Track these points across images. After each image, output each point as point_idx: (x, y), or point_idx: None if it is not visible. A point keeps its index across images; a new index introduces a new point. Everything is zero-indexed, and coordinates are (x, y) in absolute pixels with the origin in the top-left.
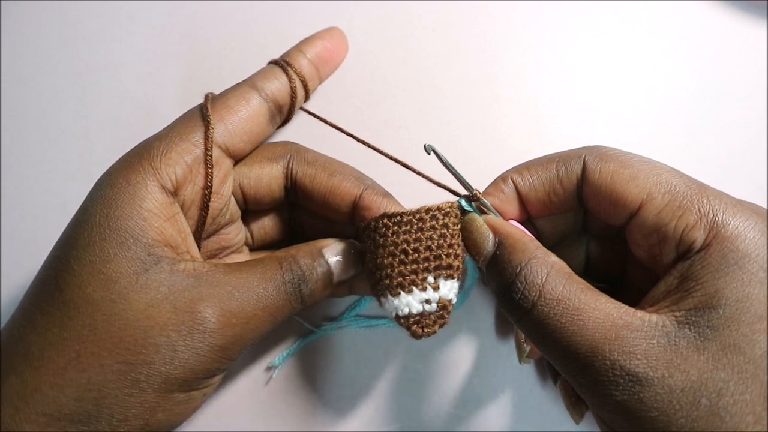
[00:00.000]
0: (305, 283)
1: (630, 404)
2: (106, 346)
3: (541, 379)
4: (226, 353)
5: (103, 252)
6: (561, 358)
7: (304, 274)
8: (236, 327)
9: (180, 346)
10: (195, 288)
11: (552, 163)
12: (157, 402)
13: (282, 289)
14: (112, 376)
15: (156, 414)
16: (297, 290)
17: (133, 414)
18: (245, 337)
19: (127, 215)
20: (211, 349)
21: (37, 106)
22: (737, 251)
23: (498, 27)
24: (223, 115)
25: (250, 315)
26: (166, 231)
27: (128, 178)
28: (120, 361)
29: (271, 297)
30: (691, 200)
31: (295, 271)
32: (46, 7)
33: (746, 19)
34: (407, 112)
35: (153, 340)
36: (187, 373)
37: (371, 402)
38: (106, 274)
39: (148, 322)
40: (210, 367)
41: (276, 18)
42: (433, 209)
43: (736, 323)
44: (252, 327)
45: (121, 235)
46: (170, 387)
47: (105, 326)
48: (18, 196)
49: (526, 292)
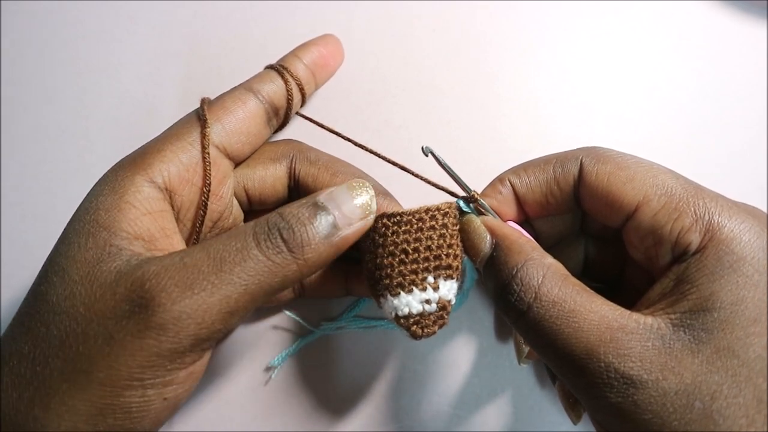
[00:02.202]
0: (289, 230)
1: (624, 406)
2: (54, 346)
3: (539, 380)
4: (178, 337)
5: (69, 245)
6: (556, 360)
7: (287, 220)
8: (188, 300)
9: (118, 335)
10: (140, 268)
11: (549, 164)
12: (105, 404)
13: (250, 240)
14: (58, 377)
15: (106, 418)
16: (277, 238)
17: (80, 419)
18: (206, 311)
19: (103, 206)
20: (155, 332)
21: (37, 106)
22: (732, 254)
23: (498, 27)
24: (220, 116)
25: (209, 283)
26: (141, 224)
27: (118, 173)
28: (64, 359)
29: (235, 251)
30: (687, 202)
31: (272, 219)
32: (46, 7)
33: (746, 19)
34: (407, 112)
35: (92, 332)
36: (131, 367)
37: (371, 402)
38: (64, 270)
39: (88, 315)
40: (157, 356)
41: (276, 18)
42: (432, 209)
43: (731, 326)
44: (217, 298)
45: (91, 226)
46: (115, 383)
47: (56, 326)
48: (18, 196)
49: (522, 293)
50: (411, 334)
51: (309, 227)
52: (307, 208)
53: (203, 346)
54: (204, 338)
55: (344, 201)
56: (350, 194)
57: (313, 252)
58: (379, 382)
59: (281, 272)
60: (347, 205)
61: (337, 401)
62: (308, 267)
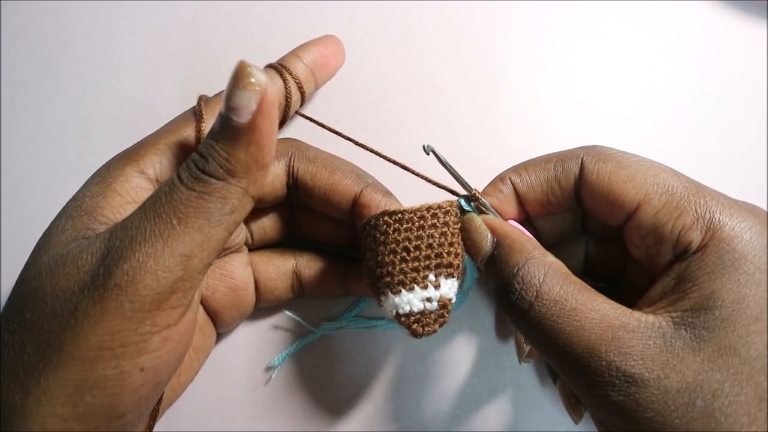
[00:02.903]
0: (204, 159)
1: (626, 405)
2: (28, 329)
3: (540, 379)
4: (138, 293)
5: (50, 229)
6: (558, 359)
7: (199, 151)
8: (136, 254)
9: (80, 304)
10: (106, 240)
11: (550, 163)
12: (79, 380)
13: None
14: (33, 359)
15: (84, 396)
16: (194, 169)
17: (58, 402)
18: (158, 259)
19: (90, 193)
20: (114, 293)
21: (37, 106)
22: (734, 252)
23: (498, 27)
24: (217, 112)
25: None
26: (124, 212)
27: (110, 164)
28: (37, 341)
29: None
30: (688, 201)
31: (190, 157)
32: (46, 7)
33: (746, 19)
34: (407, 112)
35: (58, 308)
36: (99, 335)
37: (371, 402)
38: (39, 251)
39: (53, 292)
40: (122, 318)
41: (276, 18)
42: (434, 207)
43: (732, 324)
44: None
45: (74, 210)
46: (85, 355)
47: (29, 309)
48: (18, 196)
49: (523, 292)
50: (412, 333)
51: (218, 146)
52: (212, 130)
53: (171, 303)
54: (167, 290)
55: (232, 96)
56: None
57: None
58: (379, 382)
59: (218, 195)
60: (236, 97)
61: (337, 401)
62: (244, 177)
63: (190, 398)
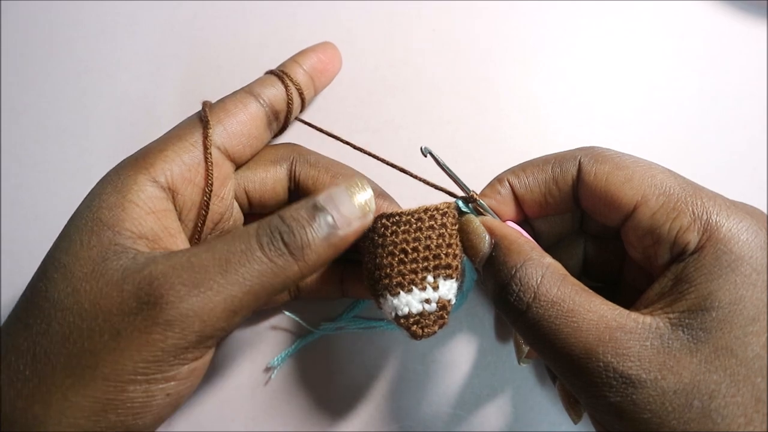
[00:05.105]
0: (290, 233)
1: (623, 406)
2: (56, 342)
3: (540, 379)
4: (184, 333)
5: (71, 242)
6: (555, 360)
7: (287, 223)
8: (194, 299)
9: (125, 330)
10: (147, 267)
11: (548, 164)
12: (108, 399)
13: (254, 243)
14: (61, 373)
15: (108, 414)
16: (279, 241)
17: (82, 415)
18: (212, 309)
19: (107, 205)
20: (162, 328)
21: (37, 106)
22: (731, 253)
23: (498, 27)
24: (222, 118)
25: (215, 283)
26: (145, 223)
27: (120, 172)
28: (67, 355)
29: (239, 253)
30: (686, 202)
31: (273, 222)
32: (46, 7)
33: (746, 19)
34: (407, 112)
35: (98, 328)
36: (137, 362)
37: (371, 402)
38: (66, 267)
39: (93, 311)
40: (162, 351)
41: (276, 19)
42: (431, 209)
43: (729, 326)
44: (222, 297)
45: (94, 224)
46: (120, 378)
47: (58, 322)
48: (18, 196)
49: (521, 293)
50: (411, 334)
51: (308, 229)
52: (307, 210)
53: (206, 344)
54: (208, 335)
55: (343, 201)
56: (348, 194)
57: (313, 253)
58: (379, 382)
59: (283, 273)
60: (346, 206)
61: (337, 401)
62: (309, 268)
63: (191, 398)
